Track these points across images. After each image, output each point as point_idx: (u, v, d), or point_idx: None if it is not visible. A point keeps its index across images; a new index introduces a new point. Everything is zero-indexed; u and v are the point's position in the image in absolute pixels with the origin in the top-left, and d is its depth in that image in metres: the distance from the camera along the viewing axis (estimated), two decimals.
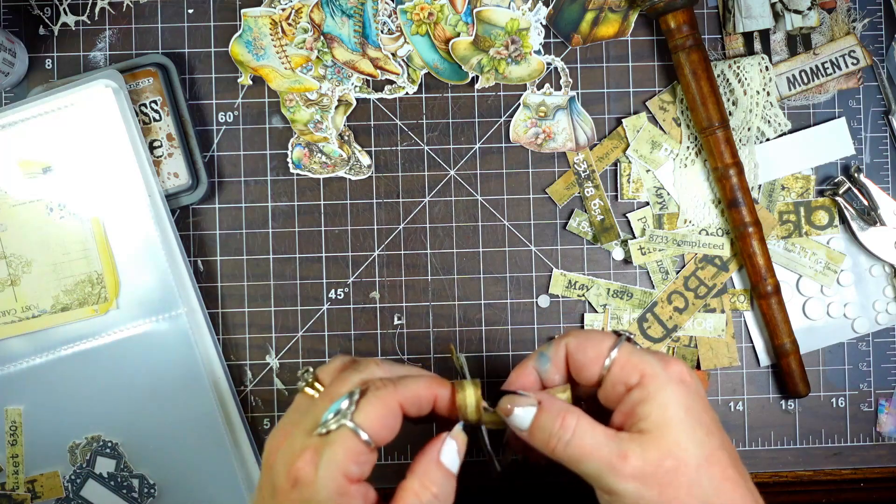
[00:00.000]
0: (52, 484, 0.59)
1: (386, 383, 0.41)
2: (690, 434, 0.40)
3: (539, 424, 0.41)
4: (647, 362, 0.41)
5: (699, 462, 0.40)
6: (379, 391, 0.40)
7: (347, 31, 0.61)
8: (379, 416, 0.39)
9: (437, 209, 0.62)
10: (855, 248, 0.62)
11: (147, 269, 0.58)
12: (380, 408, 0.40)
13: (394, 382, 0.41)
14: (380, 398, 0.40)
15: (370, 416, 0.39)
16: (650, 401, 0.41)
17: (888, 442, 0.62)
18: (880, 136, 0.63)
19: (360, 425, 0.39)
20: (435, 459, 0.40)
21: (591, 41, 0.62)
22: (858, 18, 0.62)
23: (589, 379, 0.43)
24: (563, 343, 0.44)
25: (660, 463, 0.40)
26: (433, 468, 0.40)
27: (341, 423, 0.39)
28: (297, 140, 0.61)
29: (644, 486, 0.39)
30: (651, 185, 0.62)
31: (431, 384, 0.42)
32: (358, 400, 0.39)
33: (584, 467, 0.41)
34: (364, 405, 0.39)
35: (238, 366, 0.62)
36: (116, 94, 0.58)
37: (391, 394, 0.40)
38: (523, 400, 0.42)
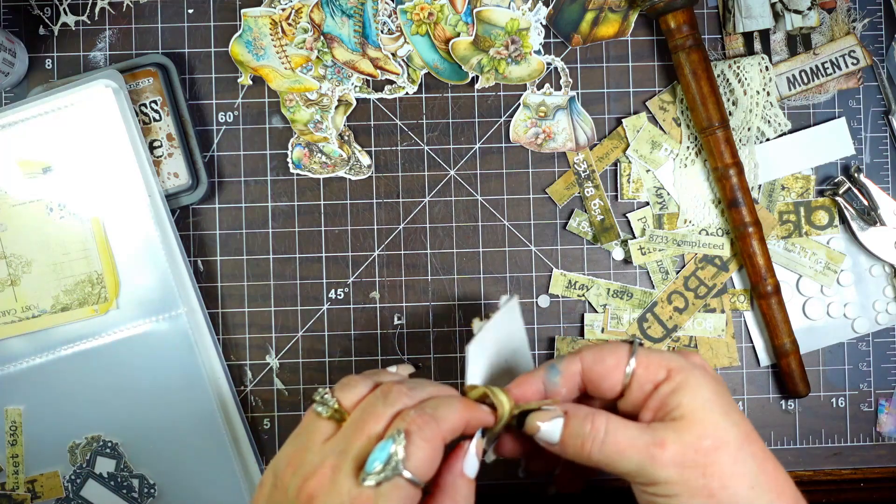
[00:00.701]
0: (52, 484, 0.59)
1: (427, 421, 0.39)
2: (725, 416, 0.41)
3: (570, 432, 0.41)
4: (669, 358, 0.42)
5: (740, 441, 0.40)
6: (424, 432, 0.39)
7: (347, 31, 0.61)
8: (427, 459, 0.38)
9: (437, 209, 0.62)
10: (855, 248, 0.62)
11: (147, 269, 0.58)
12: (429, 451, 0.38)
13: (434, 419, 0.39)
14: (427, 440, 0.39)
15: (421, 461, 0.38)
16: (680, 390, 0.41)
17: (888, 442, 0.62)
18: (880, 136, 0.63)
19: (414, 473, 0.38)
20: (460, 473, 0.40)
21: (591, 41, 0.62)
22: (858, 18, 0.62)
23: (611, 388, 0.43)
24: (577, 357, 0.43)
25: (699, 444, 0.40)
26: (459, 482, 0.40)
27: (396, 473, 0.37)
28: (297, 140, 0.61)
29: (686, 469, 0.39)
30: (651, 185, 0.62)
31: (464, 412, 0.41)
32: (407, 444, 0.38)
33: (622, 465, 0.40)
34: (413, 451, 0.38)
35: (238, 366, 0.62)
36: (116, 94, 0.58)
37: (436, 434, 0.39)
38: (549, 413, 0.42)
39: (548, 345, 0.62)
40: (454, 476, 0.40)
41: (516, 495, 0.62)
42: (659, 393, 0.41)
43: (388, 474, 0.37)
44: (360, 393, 0.43)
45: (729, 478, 0.40)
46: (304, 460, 0.40)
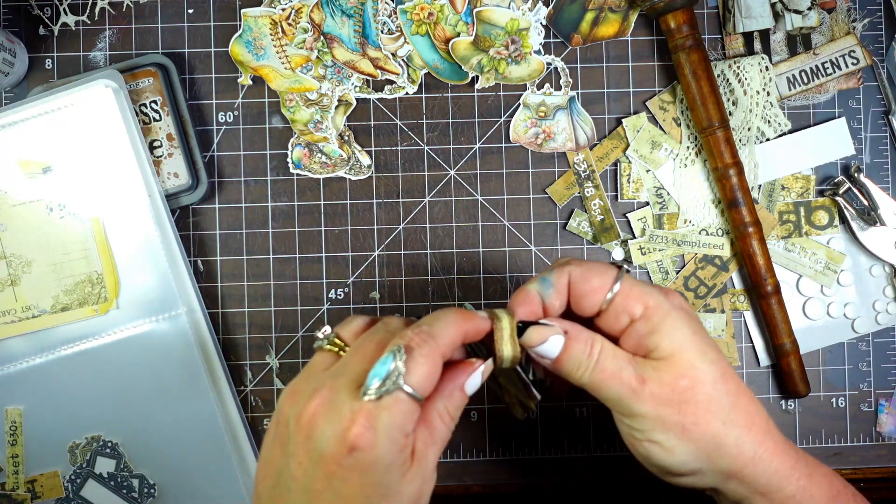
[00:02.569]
0: (52, 484, 0.59)
1: (425, 338, 0.39)
2: (702, 355, 0.42)
3: (569, 353, 0.43)
4: (649, 293, 0.43)
5: (714, 379, 0.42)
6: (423, 348, 0.39)
7: (347, 31, 0.61)
8: (428, 374, 0.39)
9: (437, 209, 0.62)
10: (855, 248, 0.62)
11: (147, 269, 0.58)
12: (428, 366, 0.39)
13: (432, 336, 0.40)
14: (425, 356, 0.39)
15: (420, 375, 0.38)
16: (657, 331, 0.42)
17: (888, 442, 0.62)
18: (880, 136, 0.63)
19: (414, 386, 0.38)
20: (460, 385, 0.41)
21: (591, 41, 0.62)
22: (858, 18, 0.62)
23: (589, 308, 0.44)
24: (566, 270, 0.44)
25: (675, 383, 0.42)
26: (457, 394, 0.41)
27: (397, 386, 0.38)
28: (297, 140, 0.61)
29: (662, 406, 0.42)
30: (651, 185, 0.62)
31: (461, 323, 0.41)
32: (407, 359, 0.38)
33: (605, 392, 0.42)
34: (413, 365, 0.38)
35: (238, 366, 0.62)
36: (116, 94, 0.58)
37: (435, 350, 0.39)
38: (550, 330, 0.43)
39: None
40: (454, 386, 0.41)
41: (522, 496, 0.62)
42: (635, 330, 0.43)
43: (389, 387, 0.38)
44: (358, 325, 0.44)
45: (703, 414, 0.42)
46: (302, 389, 0.40)
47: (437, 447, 0.40)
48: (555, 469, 0.62)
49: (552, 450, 0.62)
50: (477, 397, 0.62)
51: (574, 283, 0.44)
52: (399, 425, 0.38)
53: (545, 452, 0.62)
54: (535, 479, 0.62)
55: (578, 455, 0.62)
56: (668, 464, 0.43)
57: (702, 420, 0.42)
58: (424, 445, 0.39)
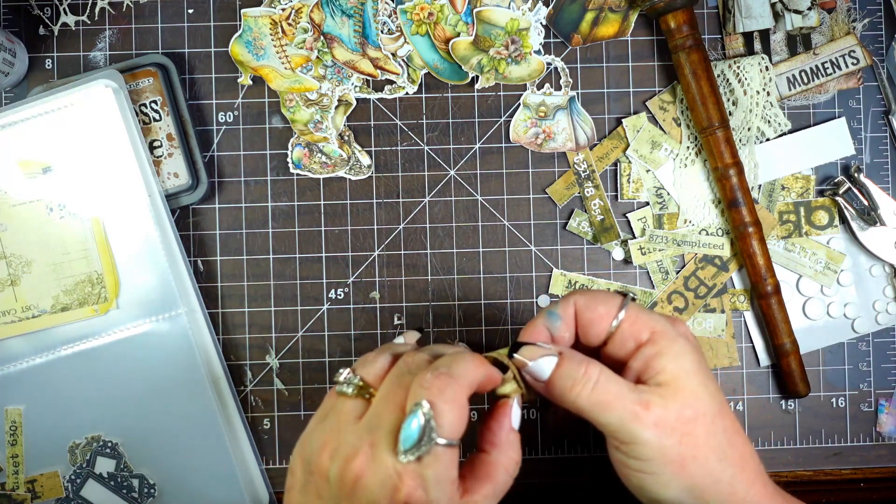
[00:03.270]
0: (52, 484, 0.59)
1: (447, 383, 0.39)
2: (705, 387, 0.42)
3: (562, 373, 0.42)
4: (655, 320, 0.43)
5: (715, 413, 0.42)
6: (446, 395, 0.38)
7: (347, 31, 0.61)
8: (457, 419, 0.39)
9: (437, 209, 0.62)
10: (855, 248, 0.62)
11: (147, 269, 0.58)
12: (456, 411, 0.38)
13: (453, 378, 0.39)
14: (451, 402, 0.38)
15: (451, 424, 0.38)
16: (664, 355, 0.42)
17: (888, 442, 0.62)
18: (880, 136, 0.63)
19: (448, 437, 0.38)
20: (509, 428, 0.41)
21: (591, 41, 0.62)
22: (858, 18, 0.62)
23: (596, 336, 0.44)
24: (571, 301, 0.44)
25: (680, 412, 0.41)
26: (512, 436, 0.41)
27: (433, 443, 0.38)
28: (297, 140, 0.61)
29: (665, 434, 0.41)
30: (651, 185, 0.62)
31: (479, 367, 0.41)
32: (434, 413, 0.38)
33: (606, 416, 0.42)
34: (441, 416, 0.38)
35: (238, 366, 0.62)
36: (116, 94, 0.58)
37: (458, 393, 0.39)
38: (543, 350, 0.43)
39: None
40: (506, 432, 0.41)
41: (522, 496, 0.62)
42: (642, 354, 0.43)
43: (426, 445, 0.38)
44: (381, 366, 0.43)
45: (701, 448, 0.41)
46: (341, 441, 0.40)
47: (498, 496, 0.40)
48: (555, 469, 0.62)
49: (552, 450, 0.62)
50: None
51: (580, 312, 0.44)
52: (445, 477, 0.38)
53: (545, 452, 0.62)
54: (536, 479, 0.62)
55: (578, 455, 0.62)
56: (662, 497, 0.42)
57: (700, 455, 0.41)
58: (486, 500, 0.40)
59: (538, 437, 0.62)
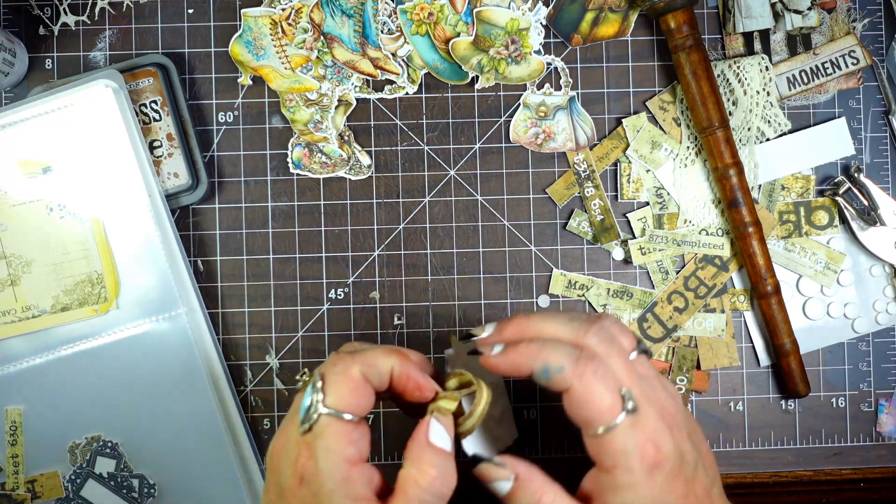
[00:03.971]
0: (52, 484, 0.59)
1: (342, 357, 0.41)
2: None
3: (517, 498, 0.41)
4: (626, 455, 0.40)
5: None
6: (336, 366, 0.40)
7: (347, 31, 0.61)
8: (347, 391, 0.39)
9: (437, 209, 0.62)
10: (855, 248, 0.62)
11: (147, 269, 0.58)
12: (343, 382, 0.40)
13: (350, 354, 0.41)
14: (339, 373, 0.40)
15: (339, 393, 0.39)
16: (617, 491, 0.40)
17: (888, 442, 0.62)
18: (880, 136, 0.63)
19: (334, 407, 0.39)
20: (425, 442, 0.40)
21: (591, 41, 0.62)
22: (858, 18, 0.62)
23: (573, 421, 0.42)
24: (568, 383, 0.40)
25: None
26: (426, 451, 0.40)
27: (318, 413, 0.39)
28: (297, 140, 0.61)
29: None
30: (651, 185, 0.62)
31: (390, 351, 0.42)
32: (322, 385, 0.40)
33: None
34: (329, 387, 0.40)
35: (238, 366, 0.62)
36: (116, 94, 0.58)
37: (349, 365, 0.40)
38: (500, 472, 0.41)
39: None
40: (419, 445, 0.40)
41: None
42: (600, 479, 0.41)
43: (313, 415, 0.39)
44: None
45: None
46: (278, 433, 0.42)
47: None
48: (555, 469, 0.62)
49: (552, 450, 0.62)
50: None
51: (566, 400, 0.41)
52: (335, 449, 0.38)
53: (545, 452, 0.62)
54: None
55: (579, 455, 0.62)
56: None
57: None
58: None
59: (538, 437, 0.62)
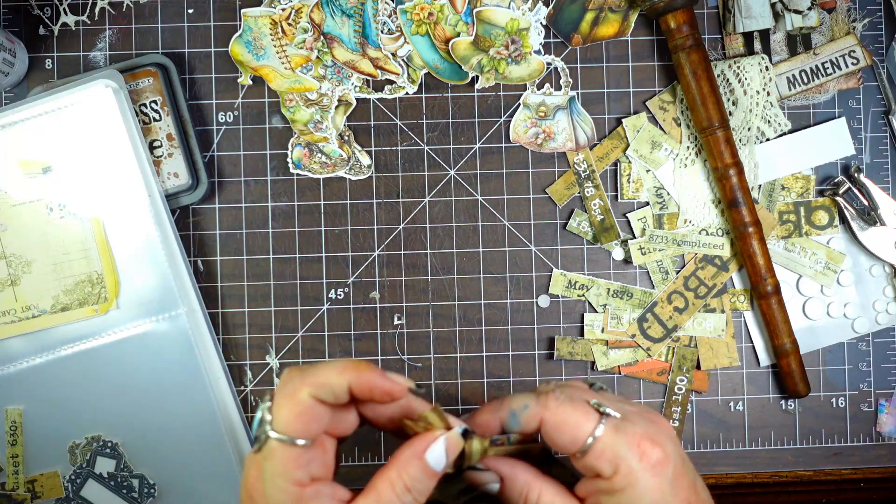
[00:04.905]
0: (52, 484, 0.59)
1: (292, 376, 0.39)
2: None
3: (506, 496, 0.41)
4: (622, 457, 0.39)
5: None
6: (285, 388, 0.38)
7: (347, 31, 0.61)
8: (293, 415, 0.38)
9: (437, 209, 0.62)
10: (855, 248, 0.62)
11: (147, 269, 0.58)
12: (290, 406, 0.38)
13: (300, 372, 0.39)
14: (286, 396, 0.38)
15: (286, 419, 0.37)
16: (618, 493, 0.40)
17: (888, 442, 0.62)
18: (880, 136, 0.63)
19: (282, 431, 0.37)
20: (419, 454, 0.39)
21: (591, 41, 0.62)
22: (858, 18, 0.62)
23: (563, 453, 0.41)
24: (538, 416, 0.41)
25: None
26: (414, 462, 0.39)
27: (266, 435, 0.38)
28: (297, 140, 0.61)
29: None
30: (651, 185, 0.62)
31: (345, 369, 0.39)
32: (271, 405, 0.38)
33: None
34: (276, 409, 0.38)
35: (238, 366, 0.62)
36: (116, 94, 0.58)
37: (297, 388, 0.38)
38: (484, 476, 0.41)
39: (548, 345, 0.62)
40: (411, 453, 0.39)
41: None
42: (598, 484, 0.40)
43: (261, 437, 0.38)
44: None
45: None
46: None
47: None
48: None
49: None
50: (477, 398, 0.62)
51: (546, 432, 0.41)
52: (281, 473, 0.37)
53: None
54: None
55: None
56: None
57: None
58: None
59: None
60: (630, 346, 0.62)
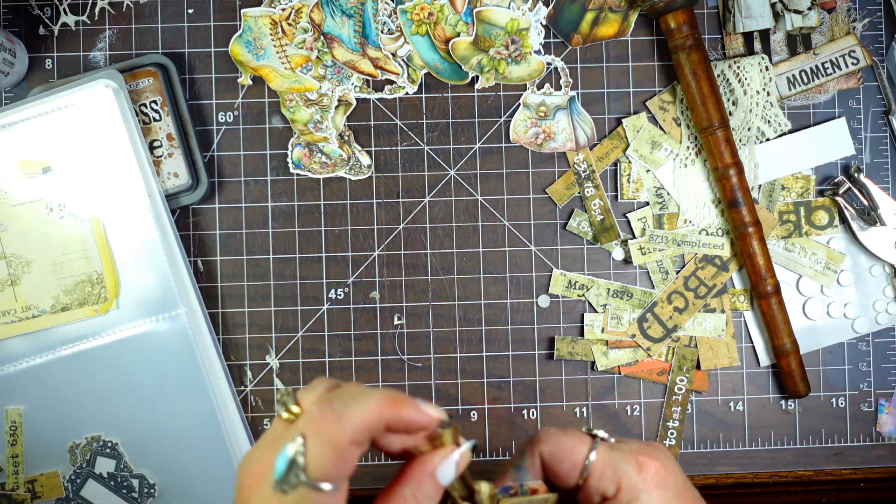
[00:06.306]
0: (52, 484, 0.59)
1: (328, 420, 0.36)
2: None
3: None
4: (622, 472, 0.40)
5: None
6: (322, 433, 0.36)
7: (347, 31, 0.61)
8: (331, 463, 0.35)
9: (437, 209, 0.62)
10: (855, 248, 0.62)
11: (147, 269, 0.58)
12: (329, 453, 0.35)
13: (337, 416, 0.36)
14: (325, 442, 0.36)
15: (321, 466, 0.35)
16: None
17: (888, 442, 0.62)
18: (880, 136, 0.63)
19: (316, 478, 0.35)
20: (430, 472, 0.38)
21: (591, 41, 0.62)
22: (858, 18, 0.62)
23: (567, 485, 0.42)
24: (536, 453, 0.42)
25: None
26: (427, 481, 0.38)
27: (298, 481, 0.35)
28: (297, 140, 0.61)
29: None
30: (651, 185, 0.62)
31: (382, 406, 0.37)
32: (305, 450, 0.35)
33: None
34: (311, 456, 0.35)
35: (238, 366, 0.62)
36: (116, 94, 0.58)
37: (337, 433, 0.36)
38: None
39: (548, 345, 0.62)
40: (422, 473, 0.38)
41: None
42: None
43: (293, 482, 0.35)
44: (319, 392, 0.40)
45: None
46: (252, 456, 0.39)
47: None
48: None
49: None
50: (477, 398, 0.62)
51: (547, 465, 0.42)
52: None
53: None
54: None
55: None
56: None
57: None
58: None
59: None
60: (630, 346, 0.62)
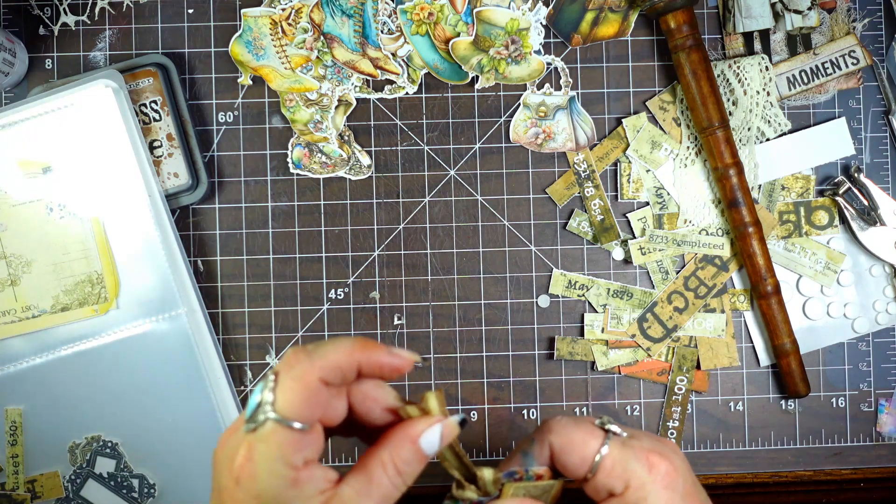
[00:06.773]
0: (52, 484, 0.59)
1: (299, 359, 0.37)
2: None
3: None
4: (631, 470, 0.40)
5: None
6: (293, 370, 0.37)
7: (347, 31, 0.61)
8: (301, 399, 0.36)
9: (437, 209, 0.62)
10: (855, 248, 0.62)
11: (147, 269, 0.58)
12: (297, 390, 0.36)
13: (308, 356, 0.37)
14: (294, 378, 0.36)
15: (289, 402, 0.36)
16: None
17: (888, 442, 0.62)
18: (880, 136, 0.63)
19: (284, 414, 0.36)
20: (412, 437, 0.38)
21: (591, 41, 0.62)
22: (858, 18, 0.62)
23: (575, 477, 0.42)
24: (546, 442, 0.42)
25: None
26: (407, 445, 0.38)
27: (266, 417, 0.36)
28: (297, 140, 0.61)
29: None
30: (651, 185, 0.62)
31: (352, 349, 0.38)
32: (274, 386, 0.36)
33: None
34: (280, 391, 0.36)
35: (238, 366, 0.62)
36: (116, 94, 0.58)
37: (307, 370, 0.37)
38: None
39: (548, 345, 0.62)
40: (404, 436, 0.38)
41: None
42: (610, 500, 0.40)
43: (260, 417, 0.36)
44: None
45: None
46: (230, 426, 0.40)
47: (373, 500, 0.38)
48: None
49: None
50: (477, 398, 0.62)
51: (556, 456, 0.42)
52: (277, 456, 0.36)
53: None
54: None
55: None
56: None
57: None
58: (356, 494, 0.37)
59: None
60: (630, 346, 0.62)
